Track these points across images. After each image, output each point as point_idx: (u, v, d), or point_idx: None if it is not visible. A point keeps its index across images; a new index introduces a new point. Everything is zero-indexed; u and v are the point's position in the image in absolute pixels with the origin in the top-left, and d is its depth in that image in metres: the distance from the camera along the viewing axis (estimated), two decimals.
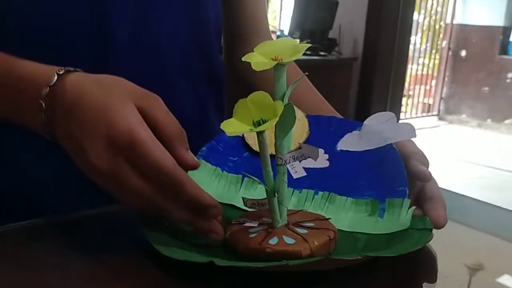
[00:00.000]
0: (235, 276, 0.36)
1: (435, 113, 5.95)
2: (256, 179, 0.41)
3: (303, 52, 0.40)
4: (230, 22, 0.73)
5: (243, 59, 0.40)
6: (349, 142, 0.52)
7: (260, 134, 0.38)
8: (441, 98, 5.91)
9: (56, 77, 0.41)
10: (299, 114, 0.55)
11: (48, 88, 0.40)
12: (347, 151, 0.52)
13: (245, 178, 0.51)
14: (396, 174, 0.47)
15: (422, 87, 5.77)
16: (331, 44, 2.78)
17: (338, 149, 0.52)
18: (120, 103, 0.38)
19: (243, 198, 0.44)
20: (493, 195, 2.91)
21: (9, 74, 0.44)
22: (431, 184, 0.47)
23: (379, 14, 2.86)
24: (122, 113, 0.38)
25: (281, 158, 0.40)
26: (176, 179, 0.37)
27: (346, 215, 0.46)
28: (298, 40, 0.41)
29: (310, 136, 0.54)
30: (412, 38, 5.27)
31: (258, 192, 0.49)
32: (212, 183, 0.51)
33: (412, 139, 0.52)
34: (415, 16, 5.35)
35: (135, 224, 0.42)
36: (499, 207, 0.57)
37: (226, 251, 0.40)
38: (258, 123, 0.38)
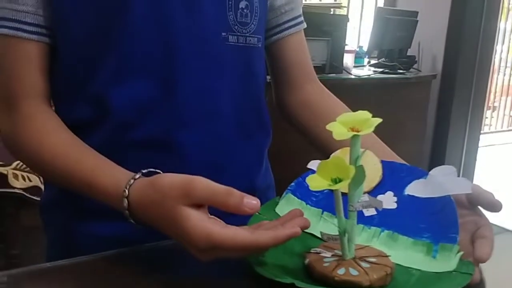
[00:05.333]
0: None
1: None
2: (331, 221, 0.52)
3: (374, 126, 0.50)
4: (279, 69, 0.82)
5: (327, 127, 0.51)
6: (416, 188, 0.62)
7: (336, 190, 0.50)
8: None
9: (126, 203, 0.54)
10: (375, 160, 0.66)
11: (127, 212, 0.55)
12: (413, 196, 0.61)
13: (324, 212, 0.63)
14: (451, 222, 0.56)
15: (509, 98, 5.45)
16: (409, 61, 2.78)
17: (406, 193, 0.62)
18: (179, 217, 0.49)
19: (321, 232, 0.56)
20: None
21: (91, 191, 0.59)
22: (487, 227, 0.56)
23: (459, 28, 2.82)
24: (187, 226, 0.48)
25: (352, 206, 0.52)
26: (253, 246, 0.48)
27: (405, 252, 0.56)
28: (370, 115, 0.46)
29: (383, 179, 0.64)
30: (499, 48, 5.02)
31: (333, 226, 0.61)
32: None
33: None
34: (502, 24, 5.08)
35: None
36: None
37: (305, 274, 0.52)
38: (335, 181, 0.49)
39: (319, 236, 0.58)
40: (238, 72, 0.72)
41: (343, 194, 0.52)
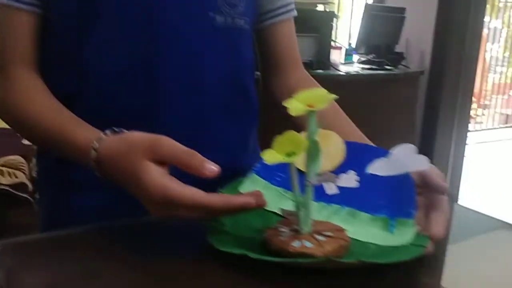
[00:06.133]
0: (267, 267, 0.49)
1: None
2: (288, 196, 0.53)
3: (331, 101, 0.51)
4: (267, 54, 0.85)
5: (284, 104, 0.52)
6: (377, 167, 0.63)
7: (291, 164, 0.51)
8: None
9: (94, 153, 0.57)
10: (338, 140, 0.67)
11: (92, 163, 0.57)
12: (375, 174, 0.63)
13: (288, 191, 0.64)
14: (408, 198, 0.57)
15: (500, 97, 5.51)
16: (397, 58, 2.80)
17: (368, 172, 0.63)
18: (141, 168, 0.51)
19: (281, 209, 0.57)
20: None
21: (66, 146, 0.62)
22: (443, 200, 0.57)
23: (447, 25, 2.84)
24: (146, 177, 0.50)
25: (309, 181, 0.53)
26: (206, 206, 0.49)
27: (364, 228, 0.57)
28: (326, 91, 0.47)
29: (346, 159, 0.65)
30: (489, 46, 5.08)
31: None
32: None
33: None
34: (493, 23, 5.13)
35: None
36: None
37: (262, 249, 0.53)
38: (289, 155, 0.50)
39: (282, 214, 0.59)
40: (224, 52, 0.73)
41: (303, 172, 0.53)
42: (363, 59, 2.87)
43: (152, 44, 0.68)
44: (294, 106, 0.52)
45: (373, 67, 2.72)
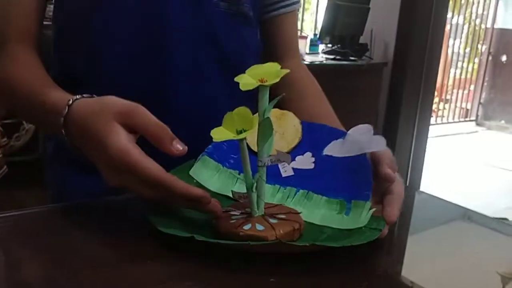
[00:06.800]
0: (215, 252, 0.46)
1: (473, 118, 5.86)
2: (237, 175, 0.50)
3: (281, 76, 0.49)
4: (268, 43, 0.85)
5: (236, 79, 0.49)
6: (333, 149, 0.61)
7: (240, 141, 0.48)
8: (479, 103, 5.79)
9: (66, 109, 0.53)
10: (295, 121, 0.64)
11: (62, 119, 0.53)
12: (331, 156, 0.60)
13: (241, 174, 0.61)
14: (364, 180, 0.55)
15: (461, 91, 5.65)
16: (362, 49, 2.80)
17: (324, 153, 0.61)
18: (109, 129, 0.48)
19: (232, 191, 0.54)
20: None
21: (45, 112, 0.59)
22: (396, 183, 0.55)
23: (411, 17, 2.86)
24: (111, 138, 0.47)
25: (260, 161, 0.50)
26: (166, 185, 0.46)
27: (319, 211, 0.55)
28: (279, 66, 0.47)
29: (302, 141, 0.63)
30: (451, 42, 5.19)
31: None
32: (213, 177, 0.60)
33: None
34: (455, 19, 5.24)
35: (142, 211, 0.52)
36: None
37: (211, 233, 0.50)
38: (239, 132, 0.47)
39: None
40: (227, 37, 0.74)
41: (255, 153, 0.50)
42: (327, 49, 2.87)
43: (159, 25, 0.68)
44: (245, 80, 0.49)
45: (338, 57, 2.71)
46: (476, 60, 5.75)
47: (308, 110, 0.76)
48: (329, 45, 2.83)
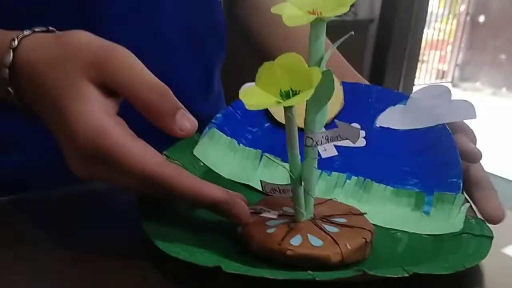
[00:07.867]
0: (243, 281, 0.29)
1: (449, 80, 5.77)
2: (278, 161, 0.33)
3: (349, 5, 0.31)
4: None
5: (273, 10, 0.31)
6: (391, 118, 0.44)
7: (288, 109, 0.30)
8: (456, 64, 5.72)
9: (11, 54, 0.33)
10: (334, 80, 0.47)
11: (7, 70, 0.33)
12: (389, 128, 0.43)
13: (265, 154, 0.43)
14: (449, 162, 0.38)
15: (437, 52, 5.56)
16: None
17: (378, 125, 0.44)
18: (75, 92, 0.30)
19: (261, 182, 0.36)
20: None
21: None
22: (477, 165, 0.40)
23: None
24: (78, 110, 0.30)
25: (311, 139, 0.32)
26: (166, 183, 0.29)
27: (384, 207, 0.39)
28: None
29: (344, 107, 0.46)
30: (430, 2, 5.10)
31: (280, 172, 0.42)
32: (226, 158, 0.43)
33: None
34: None
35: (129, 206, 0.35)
36: None
37: (237, 247, 0.33)
38: (287, 95, 0.29)
39: (259, 188, 0.39)
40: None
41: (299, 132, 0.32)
42: None
43: None
44: (290, 12, 0.31)
45: None
46: (455, 21, 5.64)
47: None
48: None
